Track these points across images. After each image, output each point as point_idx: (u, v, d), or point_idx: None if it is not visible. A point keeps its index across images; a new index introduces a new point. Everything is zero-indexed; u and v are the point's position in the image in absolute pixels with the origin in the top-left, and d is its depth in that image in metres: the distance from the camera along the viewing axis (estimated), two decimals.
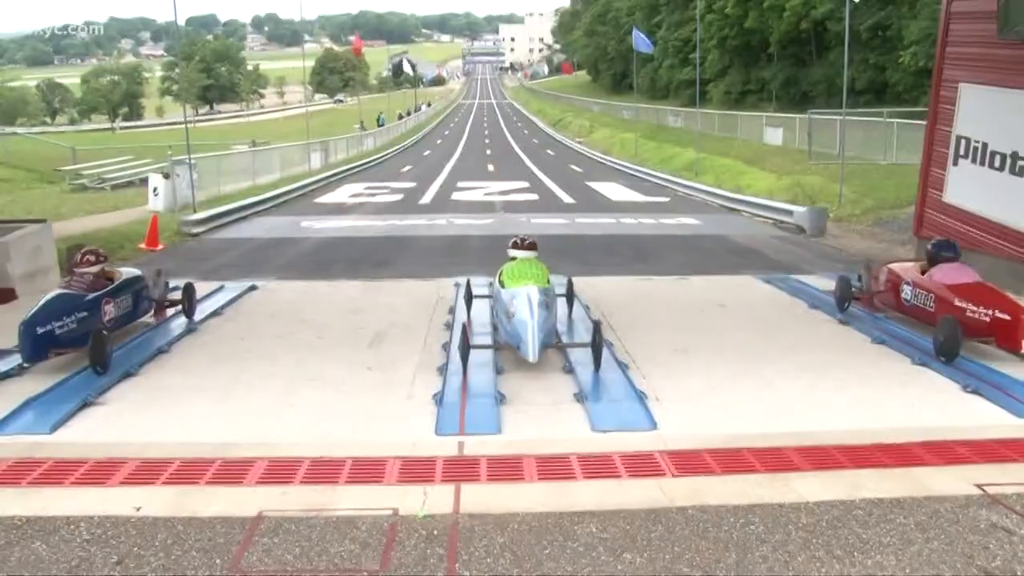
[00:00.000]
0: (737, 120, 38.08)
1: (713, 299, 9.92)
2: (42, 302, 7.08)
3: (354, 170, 33.83)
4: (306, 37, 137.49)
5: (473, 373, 6.83)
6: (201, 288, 9.92)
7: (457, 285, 10.12)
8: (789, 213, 17.05)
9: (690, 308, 9.49)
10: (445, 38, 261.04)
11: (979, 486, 4.79)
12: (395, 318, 8.95)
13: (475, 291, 9.12)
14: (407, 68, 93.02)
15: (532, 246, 8.18)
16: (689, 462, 5.14)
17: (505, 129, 68.92)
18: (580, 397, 6.28)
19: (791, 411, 6.13)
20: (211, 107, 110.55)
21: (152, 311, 8.99)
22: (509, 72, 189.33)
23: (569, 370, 6.95)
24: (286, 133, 48.20)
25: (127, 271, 8.60)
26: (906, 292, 8.32)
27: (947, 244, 8.25)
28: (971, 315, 7.24)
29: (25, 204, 20.01)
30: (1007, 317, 6.99)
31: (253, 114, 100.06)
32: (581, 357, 7.20)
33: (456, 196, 24.22)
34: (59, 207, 19.37)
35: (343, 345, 7.92)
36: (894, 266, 8.95)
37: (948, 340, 7.00)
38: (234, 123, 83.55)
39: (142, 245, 14.09)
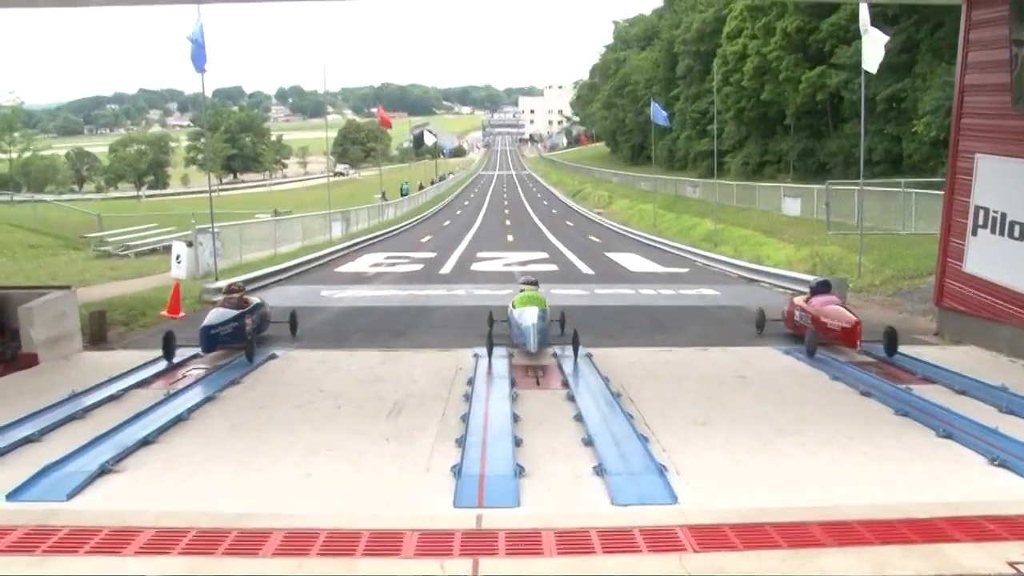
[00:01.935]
0: (755, 191, 38.35)
1: (733, 370, 9.86)
2: (210, 315, 10.51)
3: (375, 240, 34.17)
4: (329, 109, 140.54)
5: (492, 445, 6.81)
6: (222, 356, 10.50)
7: (476, 356, 10.22)
8: (809, 284, 16.95)
9: (710, 380, 9.43)
10: (466, 110, 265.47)
11: (1012, 564, 4.65)
12: (414, 388, 8.94)
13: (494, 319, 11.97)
14: (428, 139, 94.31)
15: (535, 283, 11.87)
16: (710, 537, 5.05)
17: (524, 200, 69.56)
18: (600, 470, 6.21)
19: (813, 484, 6.04)
20: (235, 176, 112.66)
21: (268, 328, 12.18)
22: (528, 143, 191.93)
23: (589, 443, 6.89)
24: (308, 202, 48.91)
25: (254, 299, 12.06)
26: (797, 315, 11.75)
27: (824, 282, 12.19)
28: (830, 326, 10.56)
29: (51, 270, 20.33)
30: (849, 325, 10.26)
31: (276, 183, 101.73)
32: (600, 429, 7.20)
33: (475, 267, 24.32)
34: (84, 273, 19.66)
35: (362, 415, 7.91)
36: (794, 299, 12.49)
37: (808, 343, 10.40)
38: (257, 192, 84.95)
39: (164, 312, 14.19)
